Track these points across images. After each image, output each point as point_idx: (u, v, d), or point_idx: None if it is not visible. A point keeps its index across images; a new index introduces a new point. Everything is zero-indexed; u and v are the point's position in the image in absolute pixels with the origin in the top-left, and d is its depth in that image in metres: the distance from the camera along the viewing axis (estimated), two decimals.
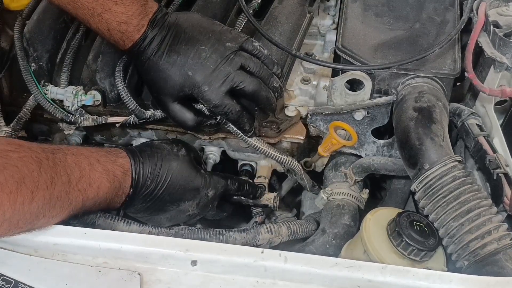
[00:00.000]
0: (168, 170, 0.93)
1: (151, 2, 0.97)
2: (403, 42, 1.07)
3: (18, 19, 1.15)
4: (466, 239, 0.82)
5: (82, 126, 1.07)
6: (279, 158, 1.07)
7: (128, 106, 1.04)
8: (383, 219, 0.89)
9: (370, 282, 0.76)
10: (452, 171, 0.87)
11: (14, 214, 0.71)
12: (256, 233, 0.97)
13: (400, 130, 0.98)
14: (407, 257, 0.84)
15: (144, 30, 0.95)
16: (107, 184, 0.85)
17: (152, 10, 0.96)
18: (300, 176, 1.13)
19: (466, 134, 1.03)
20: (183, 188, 0.94)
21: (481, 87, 0.98)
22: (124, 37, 0.95)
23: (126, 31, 0.94)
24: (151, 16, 0.95)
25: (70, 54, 1.11)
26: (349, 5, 1.15)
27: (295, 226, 1.02)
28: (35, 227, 0.77)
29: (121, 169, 0.88)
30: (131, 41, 0.95)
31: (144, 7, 0.95)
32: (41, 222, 0.77)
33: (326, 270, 0.76)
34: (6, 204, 0.70)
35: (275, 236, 0.99)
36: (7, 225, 0.72)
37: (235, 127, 1.02)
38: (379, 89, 1.06)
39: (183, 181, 0.94)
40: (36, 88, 1.06)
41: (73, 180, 0.80)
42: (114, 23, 0.94)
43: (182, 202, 0.95)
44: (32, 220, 0.75)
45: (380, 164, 1.07)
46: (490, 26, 0.97)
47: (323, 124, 1.09)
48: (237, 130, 1.02)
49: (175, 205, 0.95)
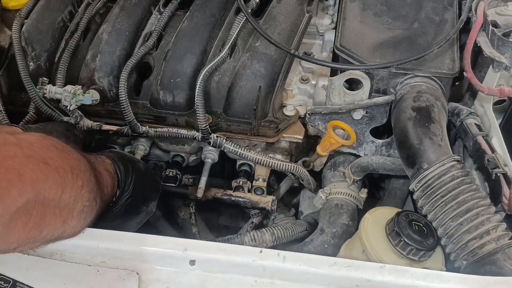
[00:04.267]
0: (138, 170, 0.95)
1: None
2: (402, 41, 1.07)
3: (17, 18, 1.15)
4: (465, 239, 0.82)
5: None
6: (285, 166, 1.07)
7: (126, 117, 1.04)
8: (381, 218, 0.89)
9: (368, 282, 0.76)
10: (451, 170, 0.87)
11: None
12: (240, 241, 0.98)
13: (399, 130, 0.98)
14: (405, 256, 0.84)
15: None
16: (112, 181, 0.87)
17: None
18: (307, 181, 1.13)
19: (465, 134, 1.03)
20: (150, 187, 0.98)
21: (480, 86, 0.98)
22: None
23: None
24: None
25: (67, 53, 1.10)
26: (348, 5, 1.15)
27: (280, 231, 1.04)
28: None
29: (108, 169, 0.90)
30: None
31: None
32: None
33: (325, 269, 0.76)
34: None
35: (259, 243, 1.01)
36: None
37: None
38: (377, 88, 1.06)
39: (151, 180, 0.98)
40: (33, 88, 1.06)
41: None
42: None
43: (150, 202, 0.97)
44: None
45: (378, 163, 1.07)
46: (489, 25, 0.97)
47: (321, 124, 1.09)
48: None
49: (145, 205, 0.96)
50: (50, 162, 0.71)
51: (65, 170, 0.72)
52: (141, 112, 1.09)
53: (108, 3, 1.20)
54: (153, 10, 1.21)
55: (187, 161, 1.19)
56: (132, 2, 1.17)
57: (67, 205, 0.72)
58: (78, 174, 0.74)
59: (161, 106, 1.09)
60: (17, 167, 0.67)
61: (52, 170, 0.70)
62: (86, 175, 0.77)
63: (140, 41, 1.15)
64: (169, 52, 1.09)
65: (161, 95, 1.08)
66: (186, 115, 1.08)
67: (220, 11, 1.16)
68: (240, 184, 1.12)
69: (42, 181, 0.68)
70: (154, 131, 1.06)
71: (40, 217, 0.69)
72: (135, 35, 1.14)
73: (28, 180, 0.67)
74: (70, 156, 0.75)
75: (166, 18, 1.16)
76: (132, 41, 1.13)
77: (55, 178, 0.70)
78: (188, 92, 1.07)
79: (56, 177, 0.70)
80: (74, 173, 0.74)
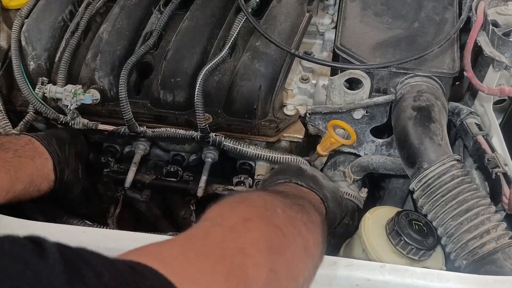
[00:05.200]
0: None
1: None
2: (402, 41, 1.07)
3: (17, 17, 1.15)
4: (465, 238, 0.82)
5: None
6: (286, 159, 1.06)
7: (124, 116, 1.04)
8: (382, 218, 0.89)
9: (368, 281, 0.76)
10: (451, 170, 0.87)
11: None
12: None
13: (399, 129, 0.98)
14: (405, 256, 0.84)
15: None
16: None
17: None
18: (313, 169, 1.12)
19: (465, 133, 1.03)
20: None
21: (480, 86, 0.98)
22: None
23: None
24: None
25: (68, 53, 1.10)
26: (348, 4, 1.15)
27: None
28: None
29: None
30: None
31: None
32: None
33: (325, 269, 0.76)
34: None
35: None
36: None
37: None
38: (378, 88, 1.06)
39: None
40: (27, 87, 1.06)
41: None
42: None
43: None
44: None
45: (379, 163, 1.07)
46: (489, 25, 0.97)
47: (322, 123, 1.09)
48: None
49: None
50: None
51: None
52: (141, 111, 1.09)
53: (109, 3, 1.21)
54: (153, 10, 1.21)
55: (188, 160, 1.19)
56: (133, 2, 1.17)
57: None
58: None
59: (161, 105, 1.09)
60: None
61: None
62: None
63: (141, 40, 1.15)
64: (170, 51, 1.09)
65: (161, 95, 1.08)
66: (186, 114, 1.08)
67: (221, 10, 1.16)
68: (242, 179, 1.12)
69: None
70: (151, 131, 1.06)
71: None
72: (136, 34, 1.14)
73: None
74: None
75: (167, 17, 1.16)
76: (132, 40, 1.13)
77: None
78: (188, 92, 1.07)
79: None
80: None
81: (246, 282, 0.53)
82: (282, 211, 0.67)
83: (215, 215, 0.62)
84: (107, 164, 1.15)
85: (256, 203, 0.66)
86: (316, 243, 0.69)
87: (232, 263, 0.53)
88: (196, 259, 0.51)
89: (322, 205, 0.88)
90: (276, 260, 0.59)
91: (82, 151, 1.08)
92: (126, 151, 1.19)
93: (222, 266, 0.52)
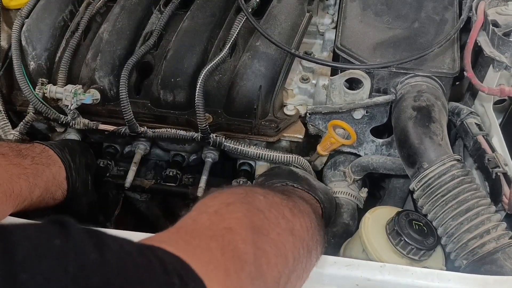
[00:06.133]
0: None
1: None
2: (402, 41, 1.07)
3: (17, 17, 1.15)
4: (465, 238, 0.82)
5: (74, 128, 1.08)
6: (287, 158, 1.06)
7: (125, 116, 1.04)
8: (382, 218, 0.89)
9: (369, 281, 0.76)
10: (451, 170, 0.87)
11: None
12: None
13: (399, 129, 0.98)
14: (406, 256, 0.84)
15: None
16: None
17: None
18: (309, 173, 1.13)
19: (465, 133, 1.03)
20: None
21: (480, 86, 0.98)
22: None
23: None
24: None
25: (68, 53, 1.10)
26: (348, 4, 1.15)
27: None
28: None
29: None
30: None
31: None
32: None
33: (325, 268, 0.76)
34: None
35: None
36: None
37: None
38: (378, 88, 1.06)
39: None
40: (28, 87, 1.06)
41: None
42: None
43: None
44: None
45: (379, 163, 1.07)
46: (489, 25, 0.97)
47: (322, 123, 1.09)
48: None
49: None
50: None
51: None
52: (141, 111, 1.09)
53: (109, 3, 1.21)
54: (153, 10, 1.21)
55: (188, 160, 1.19)
56: (133, 2, 1.17)
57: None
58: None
59: (162, 105, 1.09)
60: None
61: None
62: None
63: (141, 40, 1.15)
64: (170, 51, 1.09)
65: (162, 94, 1.08)
66: (186, 114, 1.08)
67: (221, 10, 1.16)
68: (241, 183, 1.12)
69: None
70: (152, 132, 1.06)
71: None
72: (136, 34, 1.14)
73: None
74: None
75: (167, 17, 1.16)
76: (132, 40, 1.13)
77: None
78: (188, 91, 1.07)
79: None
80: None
81: (239, 256, 0.57)
82: (263, 197, 0.70)
83: (199, 205, 0.66)
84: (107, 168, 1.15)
85: (236, 191, 0.70)
86: (304, 227, 0.71)
87: (223, 240, 0.57)
88: (192, 240, 0.55)
89: (317, 205, 0.91)
90: (261, 239, 0.62)
91: (92, 164, 1.09)
92: (126, 151, 1.19)
93: (216, 243, 0.56)
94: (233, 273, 0.55)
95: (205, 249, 0.55)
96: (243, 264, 0.57)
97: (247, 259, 0.58)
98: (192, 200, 1.13)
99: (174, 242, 0.54)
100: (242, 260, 0.57)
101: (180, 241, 0.55)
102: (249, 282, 0.57)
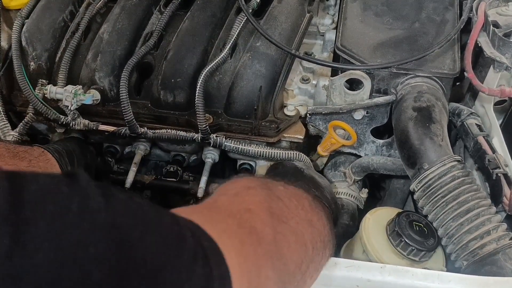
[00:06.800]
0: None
1: None
2: (403, 41, 1.07)
3: (18, 17, 1.15)
4: (465, 239, 0.82)
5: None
6: (288, 155, 1.05)
7: (125, 117, 1.04)
8: (382, 219, 0.89)
9: (369, 282, 0.76)
10: (451, 170, 0.87)
11: None
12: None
13: (399, 130, 0.98)
14: (406, 257, 0.84)
15: None
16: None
17: None
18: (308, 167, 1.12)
19: (466, 134, 1.03)
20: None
21: (481, 87, 0.98)
22: None
23: None
24: None
25: (68, 53, 1.10)
26: (349, 5, 1.15)
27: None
28: None
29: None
30: None
31: None
32: None
33: (325, 269, 0.76)
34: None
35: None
36: None
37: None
38: (378, 88, 1.06)
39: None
40: (28, 88, 1.06)
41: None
42: None
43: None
44: None
45: (379, 163, 1.07)
46: (490, 26, 0.97)
47: (322, 124, 1.09)
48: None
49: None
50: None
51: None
52: (141, 112, 1.09)
53: (109, 3, 1.20)
54: (154, 10, 1.21)
55: (188, 161, 1.19)
56: (133, 2, 1.17)
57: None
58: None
59: (162, 106, 1.09)
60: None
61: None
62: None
63: (141, 41, 1.15)
64: (170, 52, 1.09)
65: (162, 95, 1.08)
66: (187, 115, 1.08)
67: (221, 11, 1.16)
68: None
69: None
70: (152, 132, 1.06)
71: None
72: (136, 35, 1.14)
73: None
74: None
75: (167, 18, 1.16)
76: (133, 41, 1.13)
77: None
78: (189, 92, 1.07)
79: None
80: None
81: (257, 233, 0.57)
82: (283, 187, 0.70)
83: (220, 189, 0.67)
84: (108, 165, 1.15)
85: (257, 178, 0.71)
86: (321, 221, 0.71)
87: (241, 218, 0.58)
88: (208, 212, 0.56)
89: (326, 206, 0.89)
90: (280, 225, 0.62)
91: (91, 163, 1.09)
92: (126, 151, 1.19)
93: (233, 219, 0.57)
94: (249, 245, 0.55)
95: (221, 221, 0.55)
96: (260, 240, 0.57)
97: (265, 238, 0.58)
98: (193, 196, 1.13)
99: (189, 211, 0.54)
100: (260, 237, 0.57)
101: (195, 212, 0.55)
102: (267, 259, 0.56)
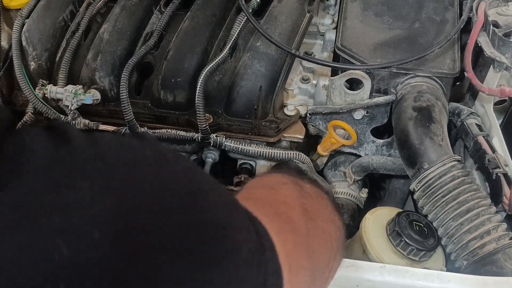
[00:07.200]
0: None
1: None
2: (403, 41, 1.07)
3: (18, 17, 1.15)
4: (465, 239, 0.82)
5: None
6: (288, 155, 1.05)
7: (125, 117, 1.04)
8: (382, 218, 0.89)
9: (369, 282, 0.76)
10: (451, 170, 0.87)
11: None
12: None
13: (399, 130, 0.98)
14: (406, 257, 0.84)
15: None
16: None
17: None
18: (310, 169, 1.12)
19: (466, 134, 1.03)
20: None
21: (481, 86, 0.98)
22: None
23: None
24: None
25: (68, 53, 1.10)
26: (349, 4, 1.15)
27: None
28: None
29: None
30: None
31: None
32: None
33: None
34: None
35: None
36: None
37: None
38: (378, 88, 1.06)
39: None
40: (28, 87, 1.06)
41: None
42: None
43: None
44: None
45: (379, 163, 1.07)
46: (490, 25, 0.97)
47: (322, 124, 1.09)
48: None
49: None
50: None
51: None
52: (141, 111, 1.09)
53: (109, 3, 1.21)
54: (154, 10, 1.21)
55: None
56: (133, 2, 1.17)
57: None
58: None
59: (162, 105, 1.09)
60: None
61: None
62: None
63: (141, 40, 1.15)
64: (170, 51, 1.09)
65: (162, 95, 1.08)
66: (187, 114, 1.08)
67: (221, 11, 1.16)
68: (243, 179, 1.11)
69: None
70: (152, 132, 1.06)
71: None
72: (136, 34, 1.14)
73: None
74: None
75: (167, 17, 1.16)
76: (133, 40, 1.13)
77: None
78: (189, 92, 1.07)
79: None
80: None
81: (293, 223, 0.57)
82: (310, 185, 0.70)
83: (254, 182, 0.68)
84: None
85: (288, 175, 0.71)
86: (340, 221, 0.71)
87: (278, 209, 0.57)
88: (248, 203, 0.54)
89: (339, 209, 0.90)
90: (310, 222, 0.62)
91: None
92: None
93: (270, 208, 0.56)
94: (288, 232, 0.54)
95: (261, 207, 0.55)
96: (296, 231, 0.57)
97: (301, 230, 0.58)
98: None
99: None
100: (296, 228, 0.57)
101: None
102: (303, 250, 0.56)
